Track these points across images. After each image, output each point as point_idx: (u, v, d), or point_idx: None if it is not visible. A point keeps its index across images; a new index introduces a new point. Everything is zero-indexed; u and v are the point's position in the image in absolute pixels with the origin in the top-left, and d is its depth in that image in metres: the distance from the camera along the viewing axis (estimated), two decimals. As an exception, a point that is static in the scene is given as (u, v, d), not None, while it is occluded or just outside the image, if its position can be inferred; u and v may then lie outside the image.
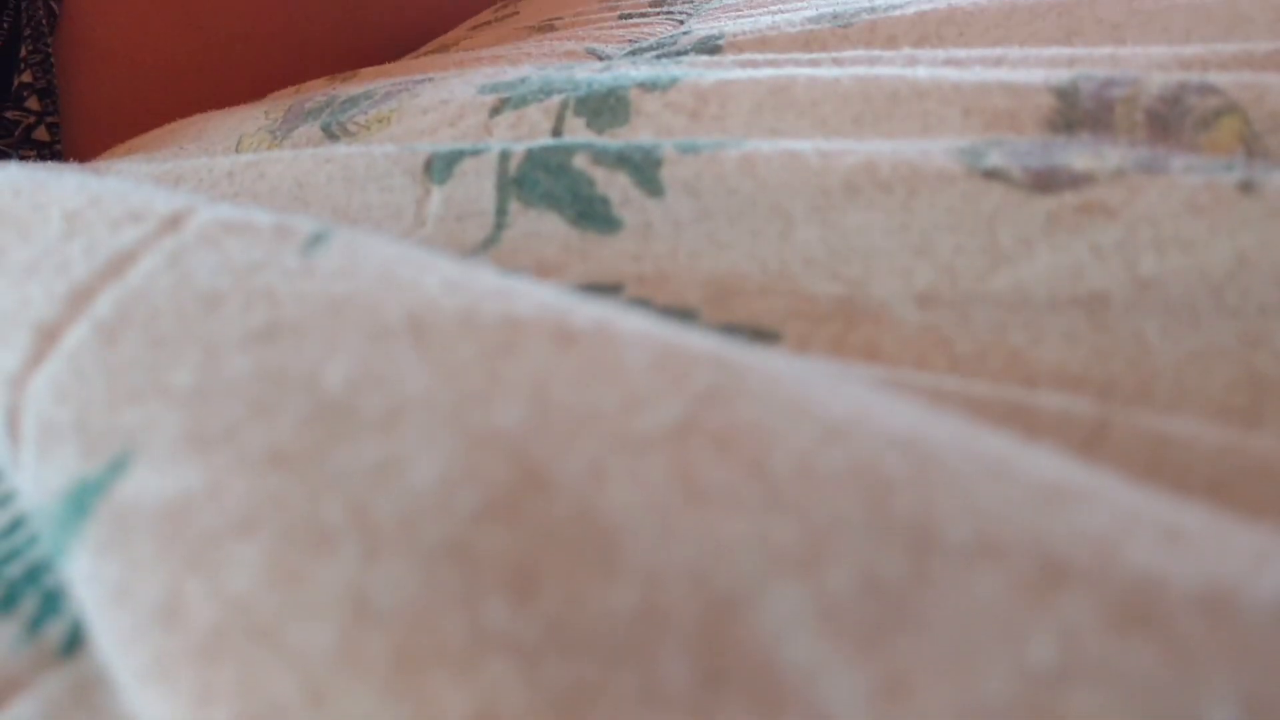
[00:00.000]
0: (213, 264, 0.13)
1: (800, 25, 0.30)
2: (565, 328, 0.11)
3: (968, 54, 0.24)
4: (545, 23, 0.45)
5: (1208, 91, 0.18)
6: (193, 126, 0.36)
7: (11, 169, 0.20)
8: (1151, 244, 0.15)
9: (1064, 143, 0.18)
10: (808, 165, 0.18)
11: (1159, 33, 0.25)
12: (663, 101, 0.23)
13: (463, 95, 0.27)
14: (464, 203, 0.22)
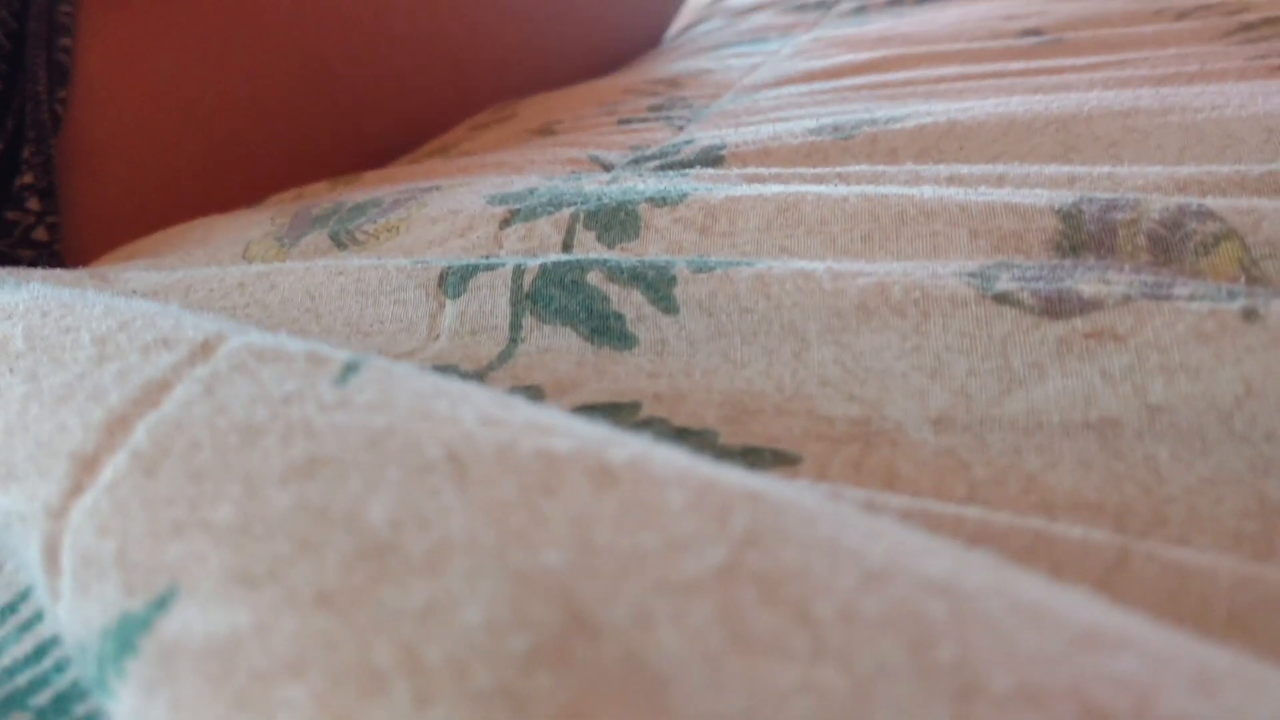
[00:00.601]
0: (248, 394, 0.14)
1: (802, 137, 0.31)
2: (604, 465, 0.11)
3: (970, 171, 0.25)
4: (545, 126, 0.46)
5: (1206, 216, 0.19)
6: (196, 231, 0.37)
7: (34, 286, 0.21)
8: (1160, 370, 0.16)
9: (1070, 266, 0.18)
10: (820, 286, 0.19)
11: (1154, 151, 0.25)
12: (672, 217, 0.24)
13: (472, 206, 0.28)
14: (478, 317, 0.22)
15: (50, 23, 0.45)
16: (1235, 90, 0.28)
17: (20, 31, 0.45)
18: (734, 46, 0.57)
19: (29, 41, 0.45)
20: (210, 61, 0.48)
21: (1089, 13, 0.46)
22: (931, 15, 0.53)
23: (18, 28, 0.45)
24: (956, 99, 0.36)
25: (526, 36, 0.57)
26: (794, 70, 0.46)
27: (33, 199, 0.44)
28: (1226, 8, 0.43)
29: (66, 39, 0.45)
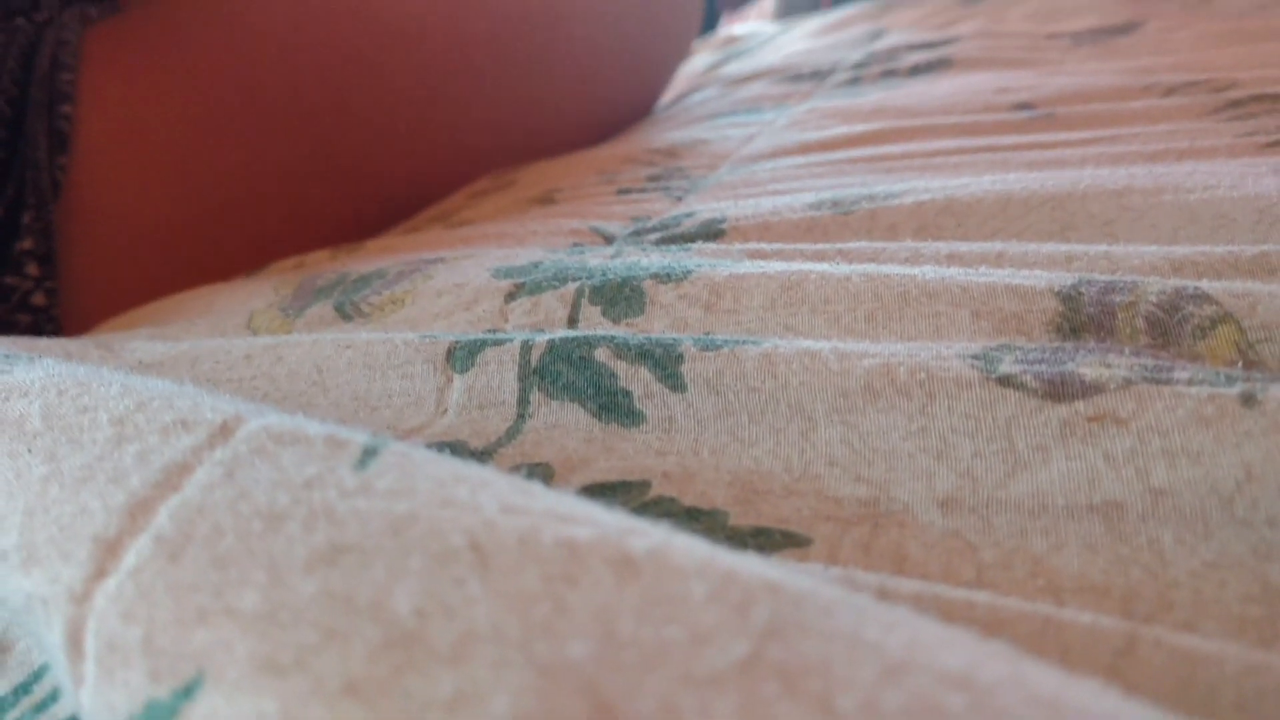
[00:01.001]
0: (269, 479, 0.14)
1: (801, 211, 0.32)
2: (625, 556, 0.11)
3: (969, 249, 0.25)
4: (545, 195, 0.46)
5: (1202, 299, 0.20)
6: (199, 300, 0.37)
7: (48, 363, 0.21)
8: (1162, 454, 0.16)
9: (1072, 349, 0.19)
10: (827, 366, 0.19)
11: (1149, 230, 0.26)
12: (677, 293, 0.24)
13: (477, 279, 0.28)
14: (485, 392, 0.22)
15: (51, 90, 0.46)
16: (1226, 169, 0.28)
17: (22, 98, 0.46)
18: (730, 116, 0.58)
19: (30, 108, 0.46)
20: (209, 128, 0.49)
21: (1079, 87, 0.47)
22: (925, 87, 0.54)
23: (19, 94, 0.46)
24: (953, 173, 0.37)
25: (525, 103, 0.57)
26: (790, 142, 0.47)
27: (31, 264, 0.45)
28: (1213, 84, 0.44)
29: (67, 106, 0.46)
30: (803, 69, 0.65)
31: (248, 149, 0.50)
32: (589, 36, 0.59)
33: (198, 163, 0.48)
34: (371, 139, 0.53)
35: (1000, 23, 0.69)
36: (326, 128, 0.51)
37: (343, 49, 0.52)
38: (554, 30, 0.57)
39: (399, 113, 0.53)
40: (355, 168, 0.52)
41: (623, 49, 0.61)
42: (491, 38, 0.55)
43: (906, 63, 0.60)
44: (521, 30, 0.56)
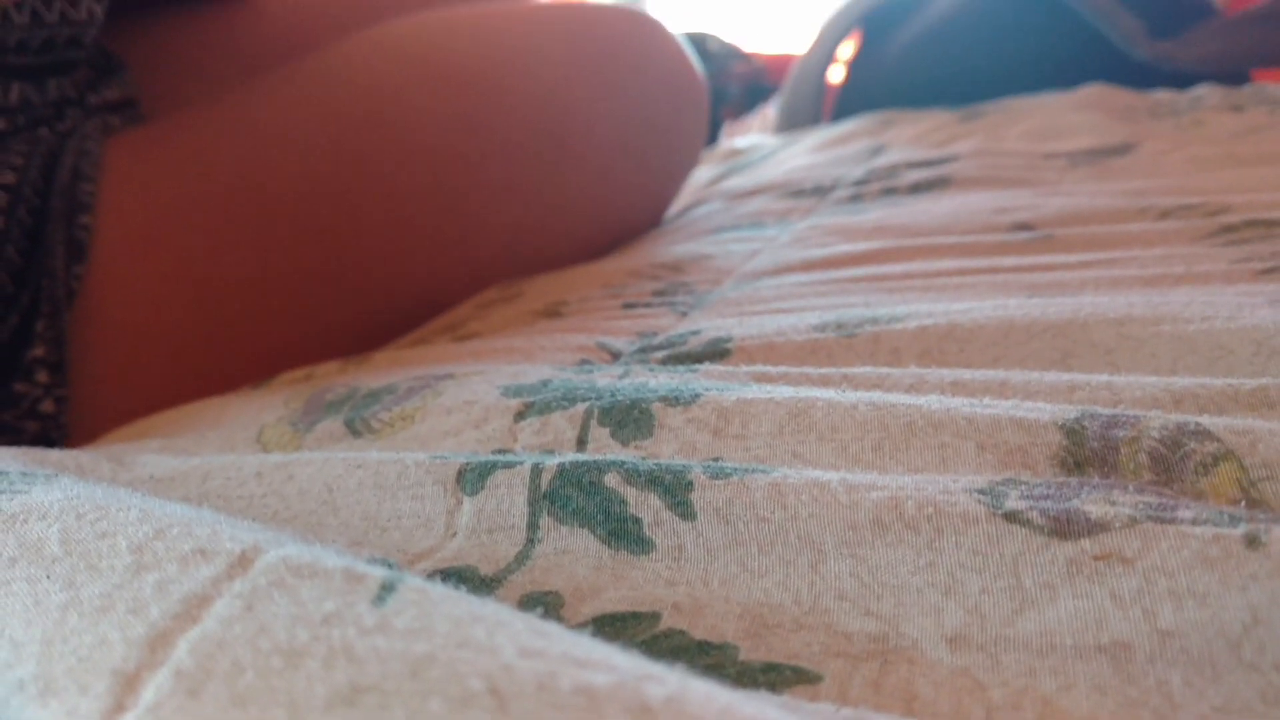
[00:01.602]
0: (288, 613, 0.14)
1: (806, 333, 0.32)
2: (643, 703, 0.12)
3: (973, 377, 0.26)
4: (552, 307, 0.47)
5: (1204, 436, 0.20)
6: (209, 411, 0.37)
7: (65, 482, 0.21)
8: (1168, 595, 0.16)
9: (1076, 485, 0.19)
10: (836, 498, 0.19)
11: (1149, 359, 0.27)
12: (685, 417, 0.25)
13: (486, 397, 0.29)
14: (495, 515, 0.23)
15: (72, 200, 0.47)
16: (1223, 300, 0.29)
17: (43, 208, 0.47)
18: (733, 231, 0.59)
19: (50, 218, 0.46)
20: (224, 240, 0.50)
21: (1076, 209, 0.48)
22: (925, 206, 0.55)
23: (40, 204, 0.47)
24: (954, 295, 0.38)
25: (535, 215, 0.59)
26: (793, 259, 0.48)
27: (42, 372, 0.45)
28: (1207, 208, 0.45)
29: (87, 217, 0.47)
30: (804, 184, 0.67)
31: (261, 260, 0.50)
32: (598, 152, 0.60)
33: (212, 274, 0.49)
34: (383, 251, 0.54)
35: (998, 141, 0.70)
36: (339, 239, 0.52)
37: (358, 163, 0.53)
38: (564, 147, 0.58)
39: (411, 225, 0.54)
40: (366, 278, 0.53)
41: (631, 164, 0.63)
42: (504, 153, 0.56)
43: (907, 180, 0.61)
44: (533, 146, 0.57)
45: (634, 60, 0.62)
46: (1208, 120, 0.68)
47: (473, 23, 0.60)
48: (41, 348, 0.45)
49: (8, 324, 0.45)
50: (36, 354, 0.45)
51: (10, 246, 0.45)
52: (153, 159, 0.51)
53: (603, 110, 0.60)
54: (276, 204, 0.51)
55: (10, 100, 0.49)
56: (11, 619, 0.15)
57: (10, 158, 0.47)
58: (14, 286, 0.45)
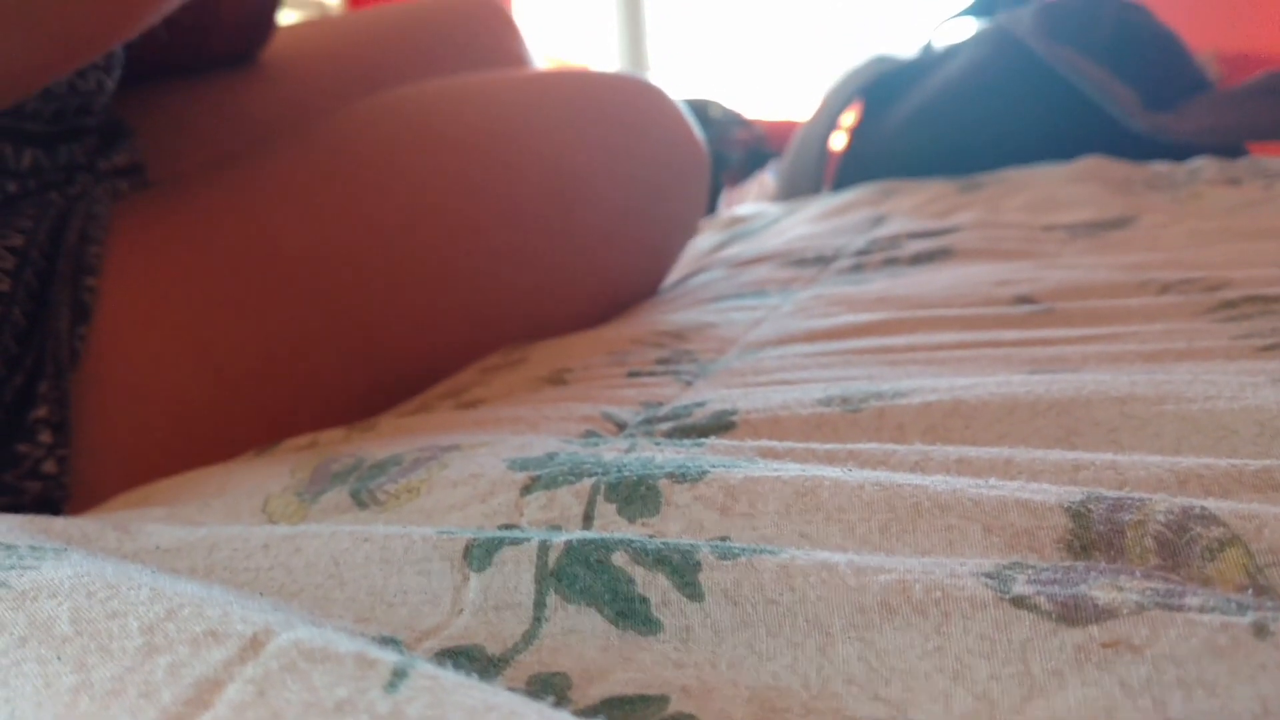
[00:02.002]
0: (300, 700, 0.14)
1: (811, 407, 0.33)
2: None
3: (978, 454, 0.26)
4: (556, 375, 0.47)
5: (1210, 520, 0.20)
6: (214, 479, 0.37)
7: (75, 558, 0.21)
8: (1177, 684, 0.16)
9: (1083, 570, 0.19)
10: (844, 581, 0.19)
11: (1152, 439, 0.27)
12: (692, 494, 0.25)
13: (492, 470, 0.29)
14: (502, 593, 0.23)
15: (78, 262, 0.48)
16: (1226, 379, 0.29)
17: (49, 270, 0.47)
18: (736, 299, 0.60)
19: (56, 280, 0.47)
20: (227, 303, 0.50)
21: (1077, 282, 0.49)
22: (927, 277, 0.55)
23: (46, 267, 0.47)
24: (957, 369, 0.38)
25: (536, 281, 0.59)
26: (797, 329, 0.48)
27: (45, 432, 0.45)
28: (1206, 283, 0.46)
29: (92, 279, 0.47)
30: (807, 253, 0.67)
31: (266, 324, 0.51)
32: (602, 217, 0.61)
33: (215, 337, 0.50)
34: (388, 314, 0.54)
35: (998, 213, 0.71)
36: (344, 303, 0.52)
37: (364, 228, 0.53)
38: (569, 212, 0.59)
39: (417, 289, 0.55)
40: (370, 342, 0.54)
41: (633, 229, 0.63)
42: (510, 218, 0.57)
43: (909, 251, 0.62)
44: (538, 211, 0.58)
45: (637, 127, 0.63)
46: (1205, 194, 0.69)
47: (480, 90, 0.61)
48: (45, 408, 0.45)
49: (12, 385, 0.45)
50: (40, 414, 0.45)
51: (16, 308, 0.45)
52: (160, 223, 0.51)
53: (606, 176, 0.60)
54: (282, 268, 0.51)
55: (22, 165, 0.50)
56: (22, 701, 0.15)
57: (19, 220, 0.48)
58: (18, 348, 0.45)
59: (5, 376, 0.45)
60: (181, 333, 0.49)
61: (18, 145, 0.49)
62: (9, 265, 0.46)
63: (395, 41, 0.78)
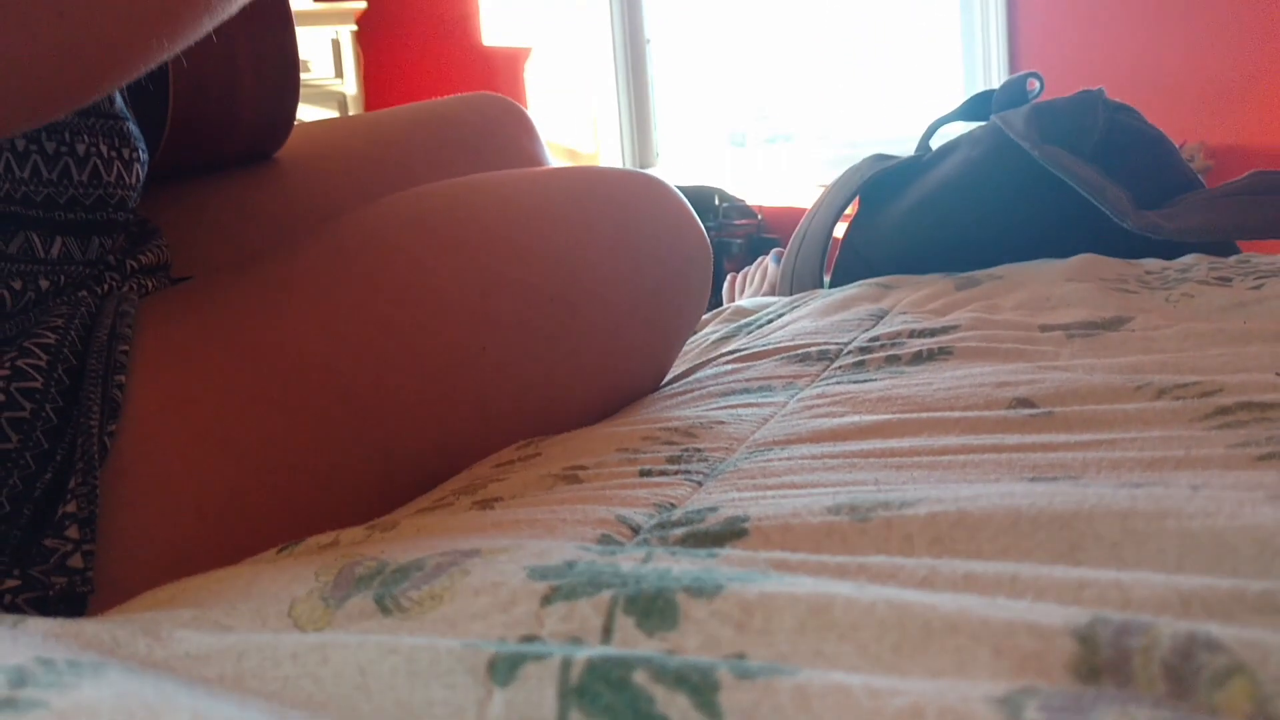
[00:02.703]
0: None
1: (821, 515, 0.33)
2: None
3: (984, 570, 0.27)
4: (569, 472, 0.48)
5: (1215, 648, 0.21)
6: (240, 580, 0.38)
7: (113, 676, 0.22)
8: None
9: (1093, 697, 0.20)
10: (859, 703, 0.20)
11: (1155, 555, 0.28)
12: (709, 609, 0.26)
13: (513, 579, 0.30)
14: (525, 707, 0.23)
15: (108, 360, 0.49)
16: (1225, 494, 0.30)
17: (80, 368, 0.49)
18: (742, 395, 0.61)
19: (86, 378, 0.48)
20: (251, 399, 0.51)
21: (1074, 385, 0.50)
22: (928, 376, 0.57)
23: (77, 365, 0.49)
24: (960, 474, 0.39)
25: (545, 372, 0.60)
26: (803, 429, 0.49)
27: (73, 527, 0.46)
28: (1202, 388, 0.47)
29: (122, 376, 0.49)
30: (810, 349, 0.69)
31: (286, 419, 0.52)
32: (608, 309, 0.63)
33: (238, 432, 0.51)
34: (403, 409, 0.55)
35: (995, 311, 0.73)
36: (361, 398, 0.54)
37: (381, 325, 0.55)
38: (577, 306, 0.61)
39: (431, 385, 0.56)
40: (387, 435, 0.55)
41: (639, 321, 0.65)
42: (521, 311, 0.58)
43: (909, 349, 0.63)
44: (548, 303, 0.59)
45: (644, 220, 0.65)
46: (1197, 293, 0.71)
47: (492, 186, 0.63)
48: (74, 503, 0.46)
49: (42, 480, 0.46)
50: (68, 510, 0.46)
51: (48, 406, 0.47)
52: (186, 321, 0.53)
53: (614, 268, 0.62)
54: (303, 365, 0.53)
55: (52, 254, 0.51)
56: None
57: (52, 319, 0.49)
58: (49, 443, 0.46)
59: (36, 473, 0.46)
60: (206, 428, 0.50)
61: (48, 235, 0.51)
62: (42, 363, 0.47)
63: (415, 140, 0.81)
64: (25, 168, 0.50)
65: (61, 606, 0.45)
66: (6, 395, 0.46)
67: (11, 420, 0.45)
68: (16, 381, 0.46)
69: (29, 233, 0.50)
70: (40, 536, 0.45)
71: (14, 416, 0.46)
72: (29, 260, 0.50)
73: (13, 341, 0.48)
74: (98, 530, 0.47)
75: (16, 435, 0.45)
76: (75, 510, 0.46)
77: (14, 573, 0.44)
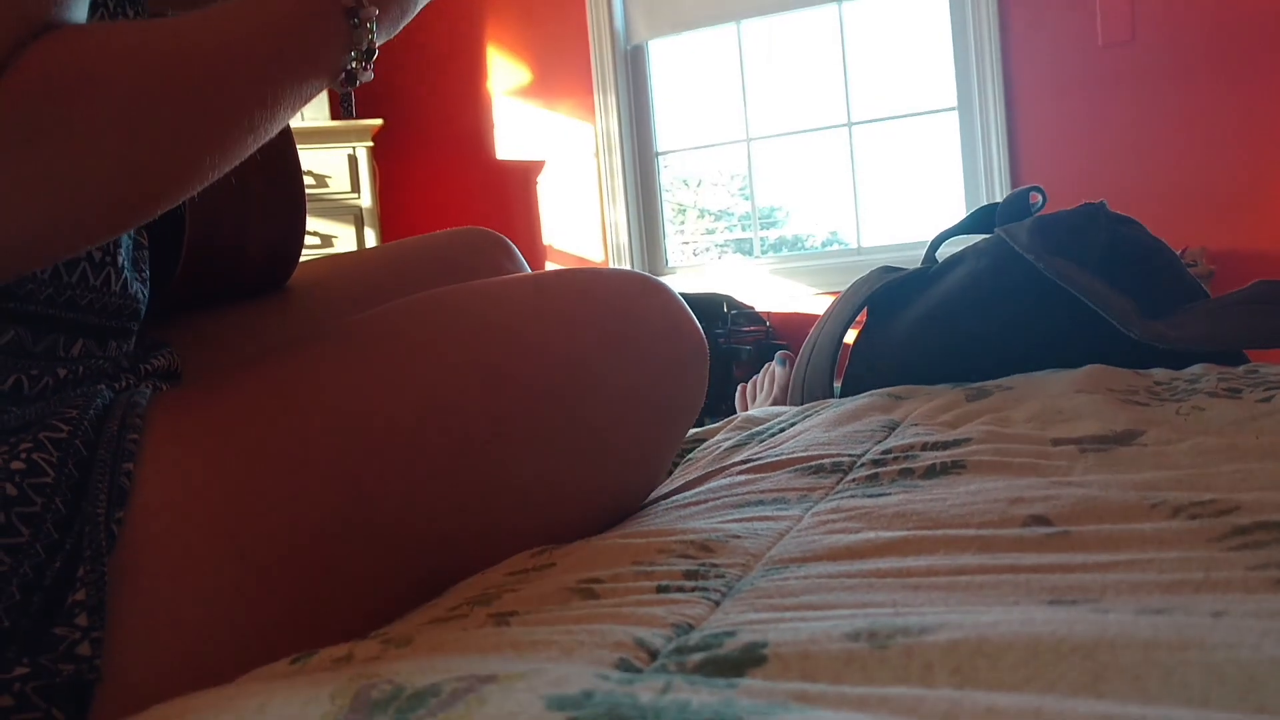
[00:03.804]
0: None
1: (840, 642, 0.33)
2: None
3: (1007, 703, 0.27)
4: (585, 586, 0.48)
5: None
6: (254, 697, 0.38)
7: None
8: None
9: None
10: None
11: (1179, 689, 0.27)
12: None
13: (531, 708, 0.30)
14: None
15: (118, 449, 0.50)
16: (1247, 623, 0.30)
17: (89, 459, 0.50)
18: (757, 507, 0.61)
19: (95, 468, 0.49)
20: (255, 495, 0.52)
21: (1089, 502, 0.50)
22: (942, 491, 0.57)
23: (87, 456, 0.50)
24: (978, 596, 0.39)
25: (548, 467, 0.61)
26: (819, 546, 0.49)
27: (82, 615, 0.47)
28: (1217, 507, 0.47)
29: (130, 464, 0.50)
30: (824, 461, 0.69)
31: (290, 515, 0.53)
32: (609, 403, 0.64)
33: (243, 526, 0.51)
34: (411, 504, 0.56)
35: (1006, 424, 0.73)
36: (365, 496, 0.54)
37: (386, 420, 0.56)
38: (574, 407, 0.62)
39: (435, 479, 0.57)
40: (391, 532, 0.55)
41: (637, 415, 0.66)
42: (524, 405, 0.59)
43: (923, 462, 0.63)
44: (546, 403, 0.60)
45: (640, 320, 0.67)
46: (1207, 406, 0.71)
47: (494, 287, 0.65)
48: (83, 591, 0.47)
49: (51, 569, 0.46)
50: (77, 598, 0.47)
51: (58, 498, 0.48)
52: (194, 416, 0.54)
53: (610, 366, 0.63)
54: (307, 462, 0.53)
55: (73, 352, 0.54)
56: None
57: (66, 410, 0.51)
58: (58, 533, 0.47)
59: (45, 562, 0.46)
60: (212, 521, 0.51)
61: (72, 334, 0.54)
62: (53, 457, 0.48)
63: (410, 266, 0.85)
64: (74, 273, 0.53)
65: (69, 694, 0.46)
66: (19, 490, 0.47)
67: (23, 515, 0.47)
68: (30, 477, 0.47)
69: (59, 335, 0.53)
70: (50, 625, 0.46)
71: (25, 511, 0.47)
72: (51, 357, 0.53)
73: (29, 429, 0.49)
74: (106, 618, 0.47)
75: (27, 529, 0.46)
76: (84, 598, 0.47)
77: (23, 660, 0.45)
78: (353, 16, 0.53)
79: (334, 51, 0.53)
